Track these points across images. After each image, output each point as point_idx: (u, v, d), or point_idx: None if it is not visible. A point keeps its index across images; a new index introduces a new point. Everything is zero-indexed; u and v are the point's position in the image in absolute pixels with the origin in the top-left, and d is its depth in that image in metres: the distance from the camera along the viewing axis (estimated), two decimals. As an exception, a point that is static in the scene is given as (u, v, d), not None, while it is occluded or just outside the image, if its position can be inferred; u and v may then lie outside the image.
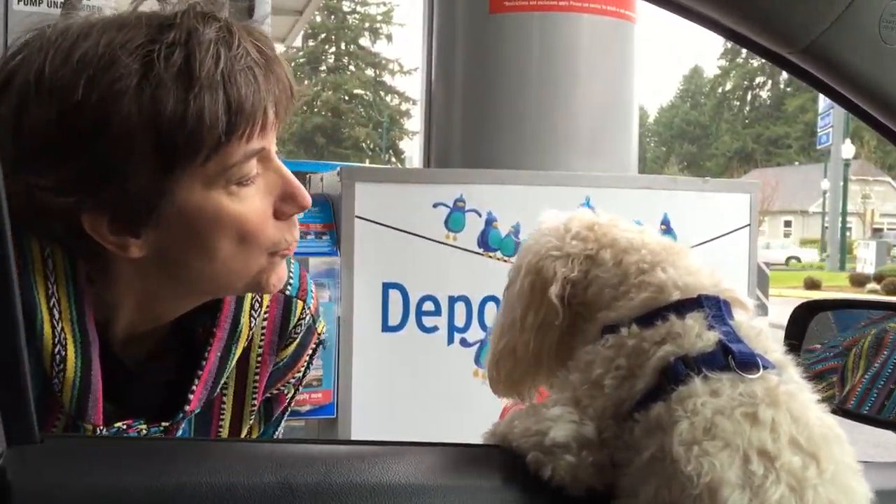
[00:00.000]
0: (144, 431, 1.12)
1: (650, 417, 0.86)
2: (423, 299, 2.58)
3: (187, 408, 1.14)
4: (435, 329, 2.59)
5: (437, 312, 2.59)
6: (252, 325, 1.18)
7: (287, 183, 1.07)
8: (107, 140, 0.96)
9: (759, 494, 0.77)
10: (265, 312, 1.21)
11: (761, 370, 0.85)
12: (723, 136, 77.23)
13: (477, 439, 1.03)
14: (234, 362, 1.18)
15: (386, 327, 2.56)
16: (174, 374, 1.16)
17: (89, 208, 0.99)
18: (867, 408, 1.43)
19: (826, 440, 0.83)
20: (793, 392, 0.85)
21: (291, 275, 1.22)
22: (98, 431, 1.08)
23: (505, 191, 2.62)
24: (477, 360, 2.63)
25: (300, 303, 1.24)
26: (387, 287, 2.56)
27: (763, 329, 0.93)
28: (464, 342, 2.61)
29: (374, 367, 2.56)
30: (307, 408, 2.51)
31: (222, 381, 1.18)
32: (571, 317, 1.02)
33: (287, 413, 1.35)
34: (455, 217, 2.60)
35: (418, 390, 2.57)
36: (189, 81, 0.96)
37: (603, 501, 0.90)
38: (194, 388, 1.14)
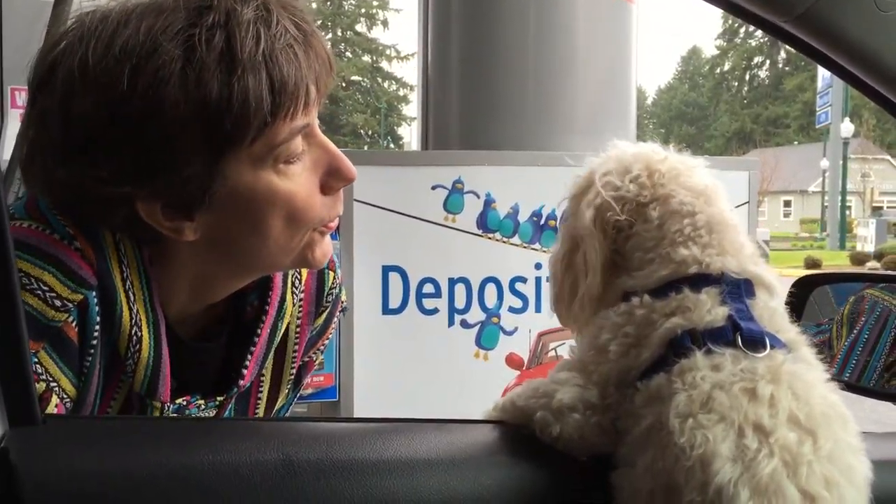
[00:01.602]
0: (203, 406, 1.16)
1: (651, 387, 0.87)
2: (423, 281, 2.59)
3: (241, 382, 1.18)
4: (435, 311, 2.60)
5: (438, 294, 2.59)
6: (294, 300, 1.23)
7: (333, 157, 1.08)
8: (155, 128, 0.96)
9: (751, 468, 0.78)
10: (303, 286, 1.25)
11: (768, 349, 0.85)
12: (721, 116, 77.07)
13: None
14: (279, 337, 1.22)
15: (386, 310, 2.56)
16: (227, 351, 1.20)
17: (144, 196, 1.01)
18: (847, 375, 1.45)
19: (827, 418, 0.83)
20: (797, 371, 0.86)
21: None
22: (165, 408, 1.11)
23: (503, 172, 2.62)
24: (478, 342, 2.64)
25: (331, 273, 1.29)
26: (386, 270, 2.56)
27: (780, 309, 0.93)
28: (464, 323, 2.62)
29: (376, 349, 2.56)
30: (309, 391, 2.52)
31: (270, 356, 1.22)
32: (611, 265, 1.01)
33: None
34: (454, 199, 2.60)
35: (419, 372, 2.58)
36: (232, 64, 0.96)
37: (602, 472, 0.91)
38: (247, 363, 1.18)
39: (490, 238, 2.61)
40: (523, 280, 2.62)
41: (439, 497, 0.87)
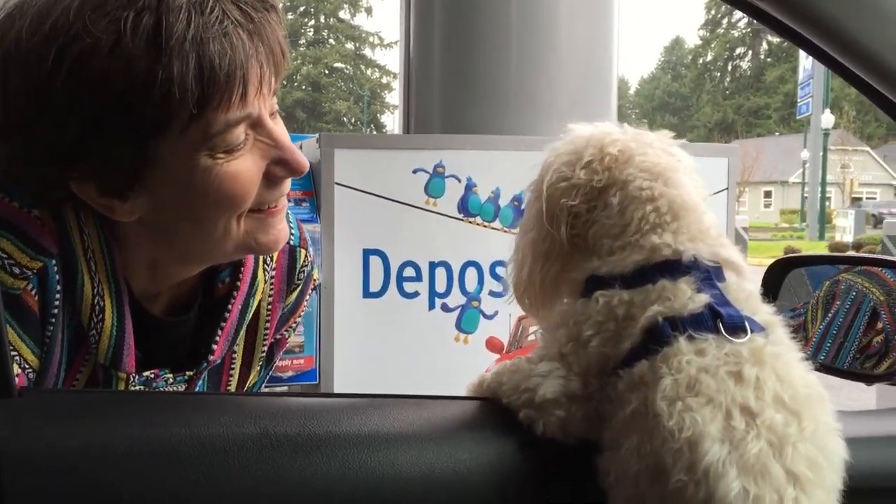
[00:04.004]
0: (171, 380, 1.16)
1: (634, 374, 0.88)
2: (403, 265, 2.58)
3: (211, 357, 1.18)
4: (416, 295, 2.60)
5: (418, 278, 2.59)
6: (265, 277, 1.23)
7: (281, 149, 1.05)
8: (78, 111, 0.94)
9: (739, 448, 0.79)
10: (274, 264, 1.25)
11: (749, 333, 0.86)
12: (704, 107, 77.35)
13: (459, 404, 1.04)
14: (250, 314, 1.22)
15: (367, 293, 2.56)
16: (197, 326, 1.19)
17: (75, 176, 1.00)
18: (822, 357, 1.47)
19: (810, 399, 0.85)
20: (778, 353, 0.87)
21: (292, 225, 1.25)
22: (131, 380, 1.11)
23: (485, 156, 2.62)
24: (458, 325, 2.65)
25: (303, 251, 1.29)
26: (367, 253, 2.56)
27: (753, 291, 0.94)
28: (445, 307, 2.62)
29: (356, 333, 2.56)
30: (289, 374, 2.52)
31: (241, 332, 1.22)
32: (571, 250, 1.01)
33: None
34: (435, 183, 2.60)
35: (400, 356, 2.59)
36: (158, 49, 0.92)
37: (588, 453, 0.92)
38: (217, 338, 1.18)
39: (471, 222, 2.61)
40: (504, 264, 2.62)
41: (416, 471, 0.88)
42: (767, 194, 57.68)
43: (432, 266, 2.59)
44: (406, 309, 2.58)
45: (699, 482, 0.79)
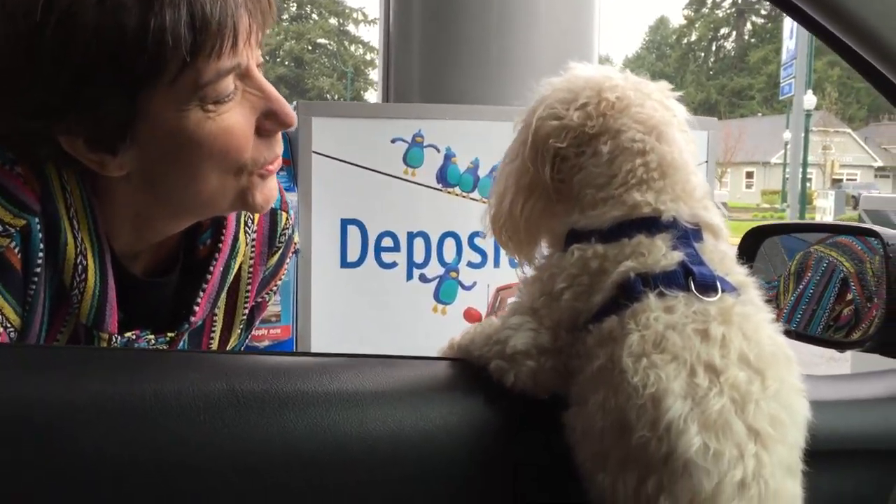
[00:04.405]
0: (152, 341, 1.16)
1: (603, 329, 0.88)
2: (381, 235, 2.57)
3: (192, 319, 1.17)
4: (394, 265, 2.58)
5: (396, 248, 2.58)
6: (247, 240, 1.23)
7: (270, 100, 1.04)
8: (69, 63, 0.93)
9: (701, 404, 0.80)
10: (255, 226, 1.25)
11: (720, 292, 0.86)
12: (687, 87, 77.43)
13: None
14: (232, 276, 1.22)
15: (344, 263, 2.55)
16: (179, 288, 1.19)
17: (63, 130, 0.98)
18: (794, 325, 1.49)
19: (775, 359, 0.85)
20: (747, 312, 0.87)
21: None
22: (113, 340, 1.11)
23: (464, 126, 2.60)
24: (436, 296, 2.64)
25: (284, 214, 1.29)
26: (345, 223, 2.54)
27: (728, 253, 0.94)
28: (423, 278, 2.61)
29: (333, 302, 2.55)
30: (266, 343, 2.51)
31: (222, 295, 1.22)
32: (554, 195, 0.99)
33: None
34: (413, 152, 2.58)
35: (377, 326, 2.58)
36: None
37: (556, 409, 0.92)
38: (199, 300, 1.18)
39: (450, 192, 2.60)
40: (482, 235, 2.61)
41: (384, 429, 0.88)
42: (749, 175, 57.96)
43: (410, 236, 2.58)
44: (384, 279, 2.57)
45: (661, 438, 0.79)
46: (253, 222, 1.24)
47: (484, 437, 0.91)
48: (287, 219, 1.30)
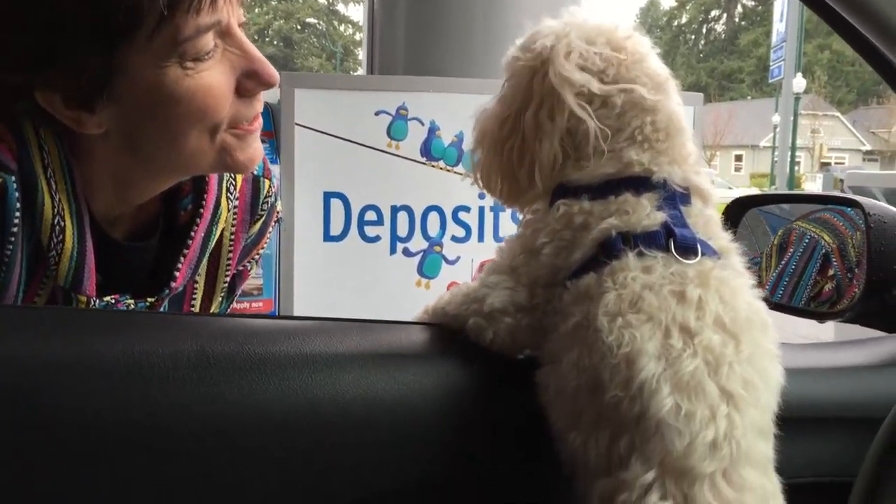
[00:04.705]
0: (132, 306, 1.15)
1: (580, 287, 0.87)
2: (365, 209, 2.55)
3: (173, 284, 1.16)
4: (377, 239, 2.57)
5: (380, 222, 2.56)
6: (229, 206, 1.22)
7: (250, 59, 1.04)
8: (46, 17, 0.92)
9: (674, 365, 0.79)
10: (237, 193, 1.24)
11: (700, 255, 0.86)
12: (678, 70, 77.37)
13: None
14: (213, 242, 1.21)
15: (327, 237, 2.53)
16: (159, 253, 1.18)
17: (40, 86, 0.97)
18: (777, 297, 1.49)
19: (750, 323, 0.84)
20: (726, 277, 0.86)
21: None
22: (91, 304, 1.09)
23: (448, 99, 2.58)
24: (420, 270, 2.63)
25: (267, 181, 1.28)
26: (328, 196, 2.52)
27: (713, 217, 0.93)
28: (406, 252, 2.60)
29: (316, 276, 2.54)
30: (248, 317, 2.50)
31: (204, 261, 1.21)
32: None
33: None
34: (397, 125, 2.56)
35: (360, 300, 2.57)
36: None
37: (531, 370, 0.91)
38: (180, 265, 1.16)
39: (434, 166, 2.58)
40: (466, 209, 2.60)
41: (357, 392, 0.87)
42: (738, 158, 58.07)
43: (394, 210, 2.56)
44: (367, 253, 2.56)
45: (634, 398, 0.79)
46: (235, 188, 1.23)
47: (459, 399, 0.91)
48: (270, 186, 1.29)
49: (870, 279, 1.30)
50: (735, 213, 1.51)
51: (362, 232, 2.55)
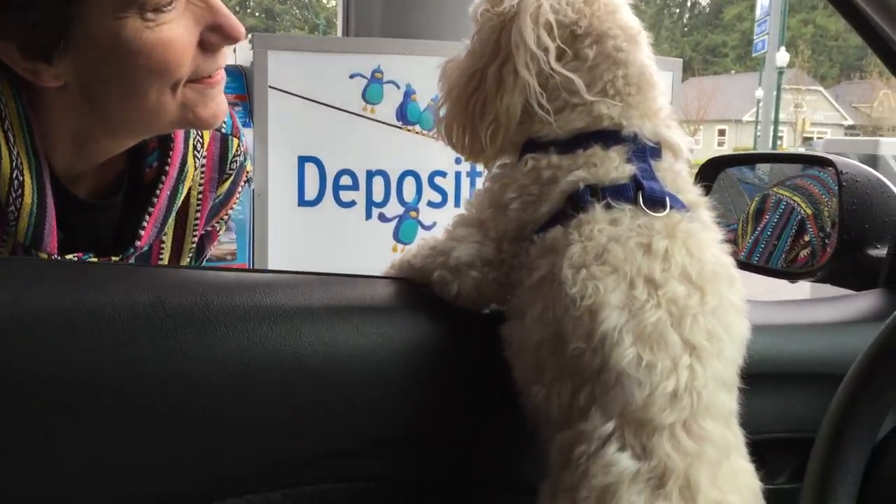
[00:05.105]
0: None
1: (546, 240, 0.86)
2: (340, 173, 2.52)
3: (138, 243, 1.14)
4: (352, 204, 2.55)
5: (355, 187, 2.54)
6: (196, 164, 1.19)
7: (215, 12, 1.01)
8: None
9: (637, 316, 0.78)
10: (205, 151, 1.21)
11: (668, 208, 0.84)
12: (662, 43, 77.26)
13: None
14: (180, 201, 1.19)
15: (302, 202, 2.50)
16: (125, 211, 1.16)
17: None
18: (755, 259, 1.49)
19: (716, 276, 0.83)
20: (693, 230, 0.85)
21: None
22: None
23: (425, 63, 2.52)
24: (396, 236, 2.61)
25: (235, 140, 1.26)
26: (302, 160, 2.49)
27: (683, 171, 0.92)
28: (382, 217, 2.58)
29: (291, 241, 2.51)
30: (221, 281, 2.47)
31: (170, 220, 1.19)
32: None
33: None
34: (373, 89, 2.53)
35: (335, 266, 2.53)
36: None
37: (496, 325, 0.90)
38: (145, 224, 1.14)
39: (409, 130, 2.55)
40: (443, 174, 2.58)
41: (319, 344, 0.85)
42: (721, 132, 58.17)
43: (369, 175, 2.54)
44: (342, 218, 2.53)
45: (596, 350, 0.78)
46: (202, 147, 1.21)
47: (425, 353, 0.89)
48: (238, 145, 1.27)
49: (841, 238, 1.30)
50: (710, 173, 1.50)
51: (337, 197, 2.52)
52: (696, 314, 0.80)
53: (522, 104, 0.91)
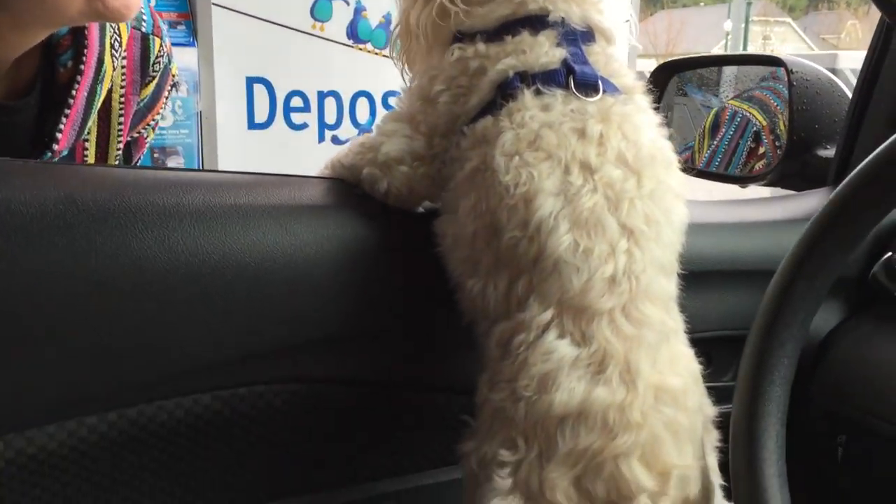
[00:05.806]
0: None
1: (477, 130, 0.83)
2: (290, 95, 2.46)
3: (56, 147, 1.10)
4: (304, 126, 2.49)
5: (307, 109, 2.48)
6: (115, 64, 1.14)
7: None
8: None
9: (573, 202, 0.77)
10: (124, 51, 1.17)
11: (601, 93, 0.82)
12: (631, -24, 76.43)
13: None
14: (99, 103, 1.14)
15: (252, 125, 2.44)
16: (41, 115, 1.11)
17: None
18: (714, 167, 1.49)
19: (653, 160, 0.82)
20: (628, 112, 0.83)
21: (143, 12, 1.18)
22: None
23: (375, -23, 2.47)
24: (350, 160, 2.57)
25: (157, 39, 1.21)
26: (251, 81, 2.42)
27: (615, 56, 0.89)
28: (335, 140, 2.53)
29: (241, 165, 2.45)
30: (170, 207, 2.43)
31: (89, 124, 1.15)
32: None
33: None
34: (321, 5, 2.44)
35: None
36: None
37: (429, 223, 0.87)
38: (62, 126, 1.10)
39: (361, 49, 2.48)
40: (397, 95, 2.52)
41: (247, 244, 0.82)
42: (690, 66, 57.98)
43: (321, 96, 2.47)
44: (294, 141, 2.48)
45: (532, 238, 0.77)
46: (120, 45, 1.15)
47: (356, 252, 0.87)
48: (161, 45, 1.22)
49: (791, 138, 1.28)
50: (661, 78, 1.48)
51: (288, 119, 2.46)
52: (632, 198, 0.78)
53: (440, 4, 0.89)
